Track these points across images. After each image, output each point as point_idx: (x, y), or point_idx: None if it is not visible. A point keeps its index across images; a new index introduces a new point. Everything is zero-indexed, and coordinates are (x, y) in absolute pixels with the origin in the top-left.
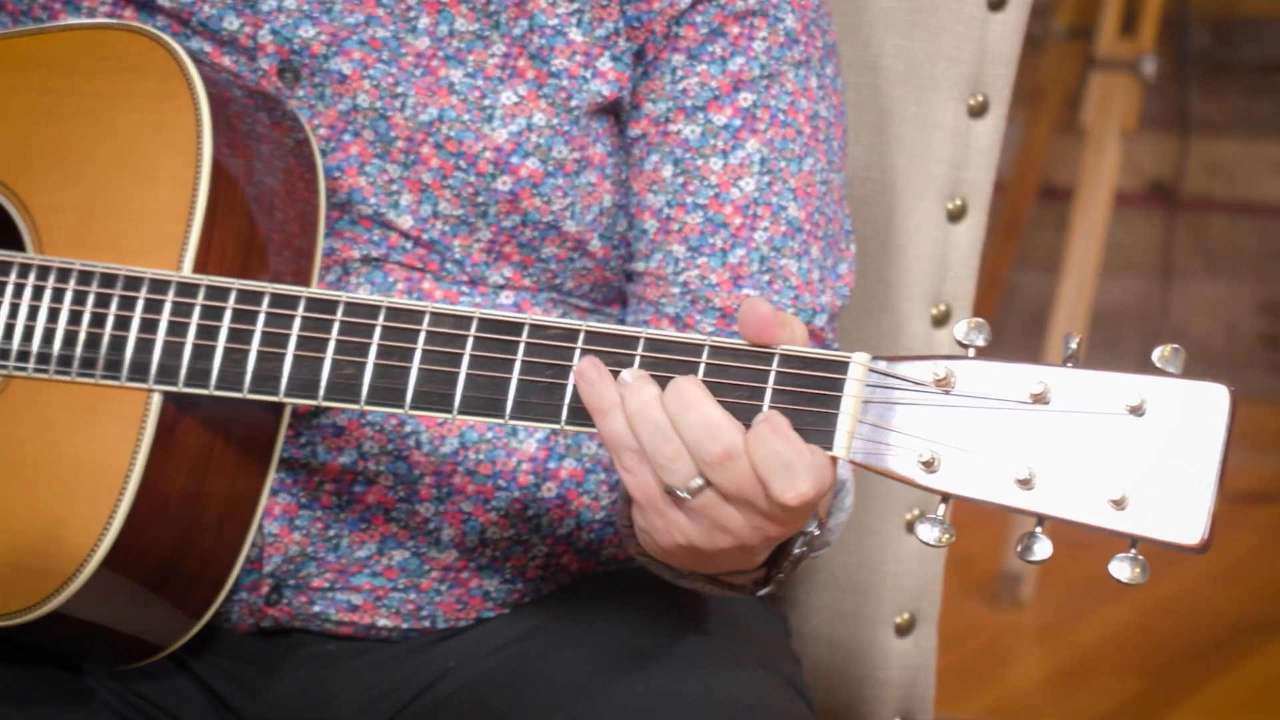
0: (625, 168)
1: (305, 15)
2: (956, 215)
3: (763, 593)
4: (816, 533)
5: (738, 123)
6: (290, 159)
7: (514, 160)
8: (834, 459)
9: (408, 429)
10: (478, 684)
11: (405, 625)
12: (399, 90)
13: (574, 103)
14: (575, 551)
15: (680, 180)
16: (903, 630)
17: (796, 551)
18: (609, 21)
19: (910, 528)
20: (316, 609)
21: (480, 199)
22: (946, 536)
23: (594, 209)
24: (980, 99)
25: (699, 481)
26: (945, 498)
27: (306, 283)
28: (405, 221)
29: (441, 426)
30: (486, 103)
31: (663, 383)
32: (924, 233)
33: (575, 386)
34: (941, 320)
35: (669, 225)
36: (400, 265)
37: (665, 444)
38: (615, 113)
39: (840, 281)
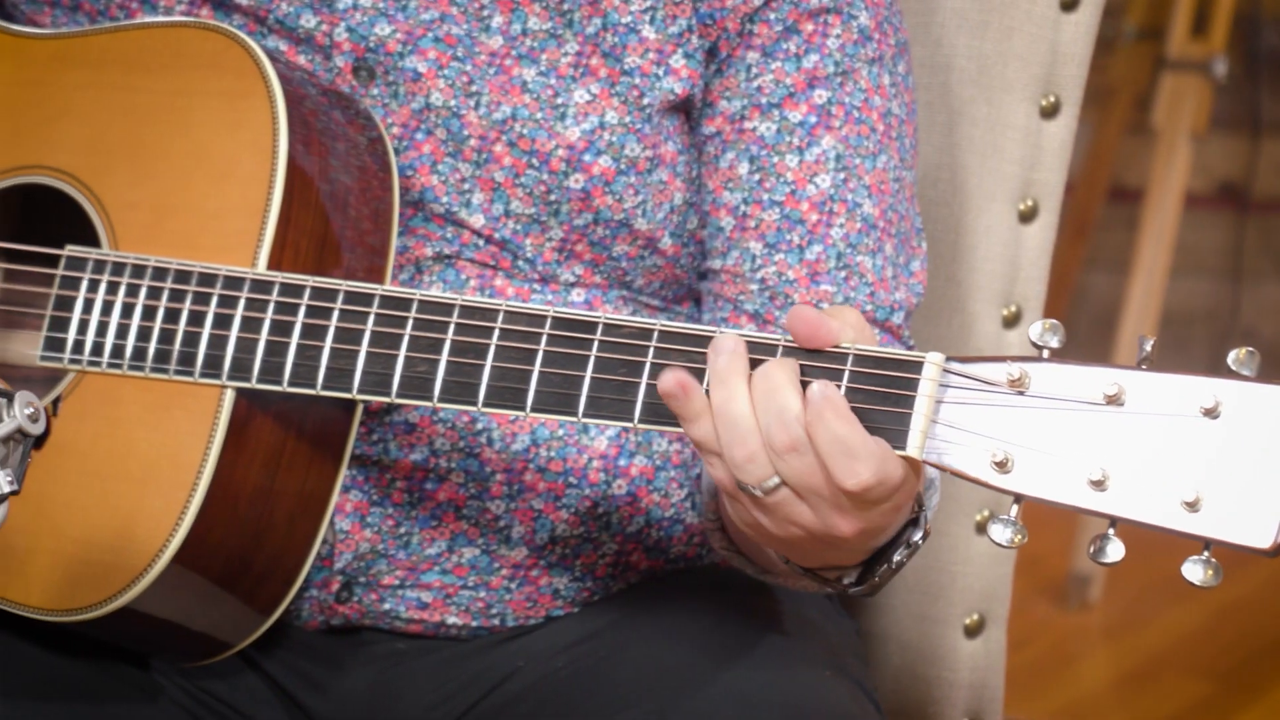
0: (696, 165)
1: (381, 13)
2: (1028, 216)
3: (855, 592)
4: (919, 542)
5: (813, 119)
6: (364, 157)
7: (586, 158)
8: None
9: (479, 426)
10: (546, 683)
11: (475, 623)
12: (473, 89)
13: (646, 100)
14: (645, 549)
15: (756, 177)
16: (972, 631)
17: (897, 558)
18: (682, 19)
19: (980, 529)
20: (386, 606)
21: (552, 197)
22: (1019, 538)
23: (665, 206)
24: (1052, 99)
25: (773, 481)
26: (1018, 498)
27: (380, 280)
28: (477, 220)
29: (513, 424)
30: (559, 101)
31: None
32: (995, 233)
33: (662, 399)
34: (1012, 321)
35: (745, 222)
36: (472, 263)
37: (740, 446)
38: (686, 110)
39: (914, 279)
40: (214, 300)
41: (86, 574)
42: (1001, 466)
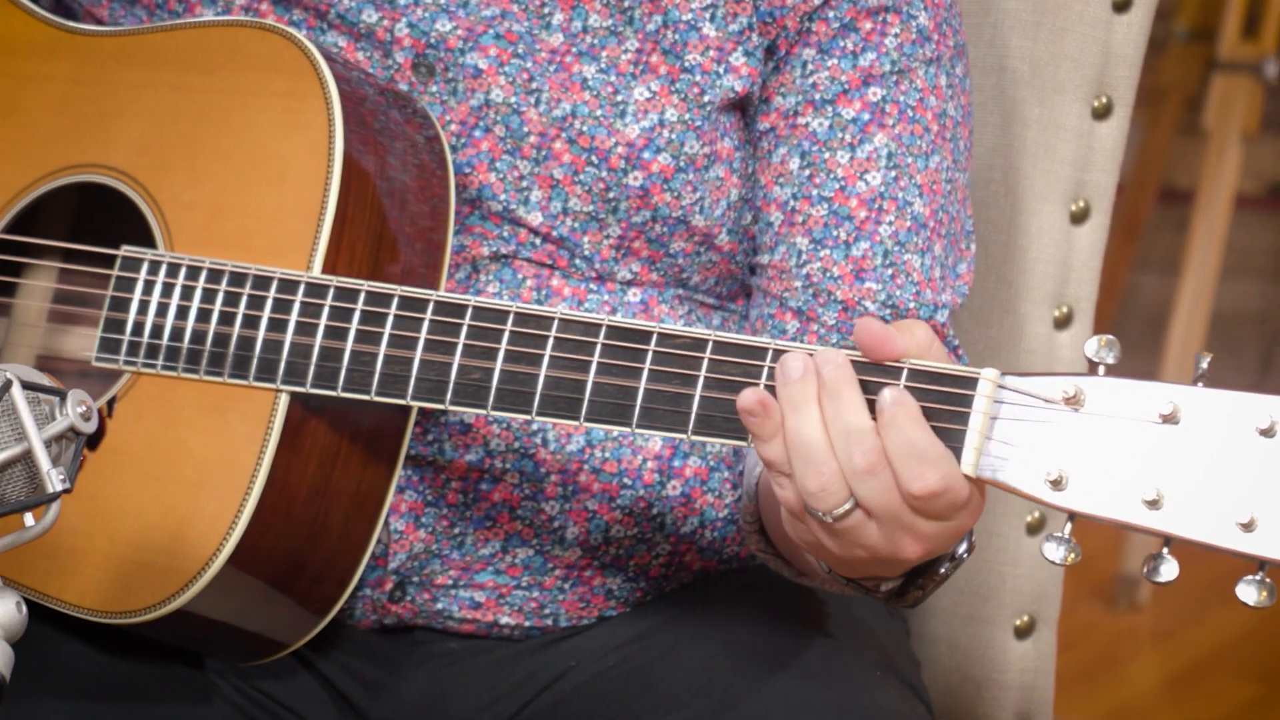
0: (752, 162)
1: (442, 9)
2: (1079, 217)
3: (895, 603)
4: (965, 556)
5: (866, 117)
6: (422, 156)
7: (645, 156)
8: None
9: (534, 428)
10: (597, 682)
11: (528, 623)
12: (533, 86)
13: (706, 98)
14: (698, 550)
15: (806, 173)
16: (1022, 633)
17: (941, 571)
18: (742, 16)
19: (1031, 531)
20: (439, 606)
21: (611, 195)
22: (1072, 556)
23: (722, 203)
24: (1104, 100)
25: (845, 507)
26: (1072, 516)
27: (436, 280)
28: (535, 218)
29: (568, 426)
30: (619, 98)
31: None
32: (1047, 234)
33: (714, 394)
34: (1063, 323)
35: (793, 218)
36: (529, 262)
37: (814, 475)
38: (743, 107)
39: (960, 280)
40: (269, 303)
41: (141, 576)
42: (1056, 484)
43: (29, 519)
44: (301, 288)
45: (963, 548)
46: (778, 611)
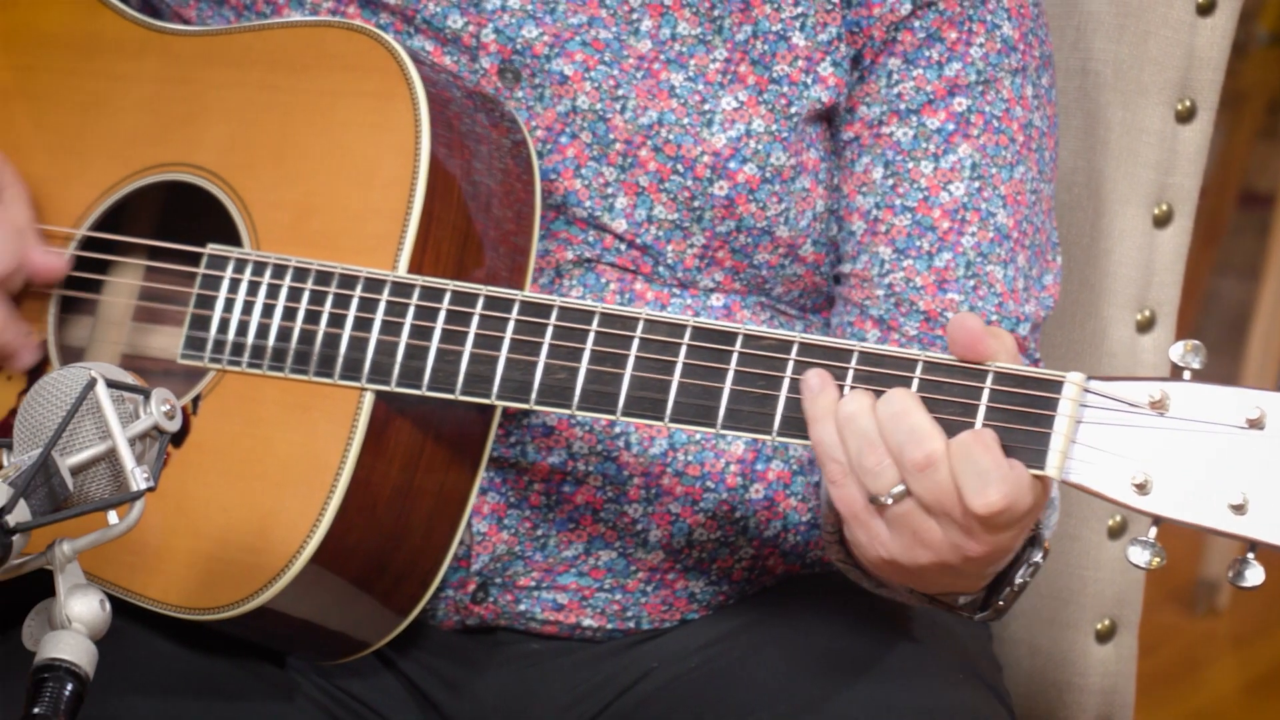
0: (837, 173)
1: (529, 15)
2: (1162, 221)
3: (980, 617)
4: (1041, 562)
5: (950, 127)
6: (508, 160)
7: (732, 165)
8: (1047, 479)
9: (617, 430)
10: (679, 683)
11: (610, 625)
12: (620, 93)
13: (794, 109)
14: (781, 553)
15: (890, 182)
16: (1103, 637)
17: (1019, 580)
18: (832, 26)
19: (1113, 534)
20: (522, 608)
21: (696, 203)
22: (1157, 560)
23: (807, 214)
24: (1187, 104)
25: (900, 488)
26: (1156, 520)
27: (520, 283)
28: (620, 225)
29: (651, 428)
30: (706, 107)
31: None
32: (1129, 238)
33: (799, 395)
34: (1146, 326)
35: (876, 227)
36: (613, 267)
37: (870, 452)
38: (829, 119)
39: (1045, 292)
40: (354, 302)
41: (224, 573)
42: (1141, 488)
43: (113, 517)
44: (388, 287)
45: (1039, 554)
46: (860, 614)
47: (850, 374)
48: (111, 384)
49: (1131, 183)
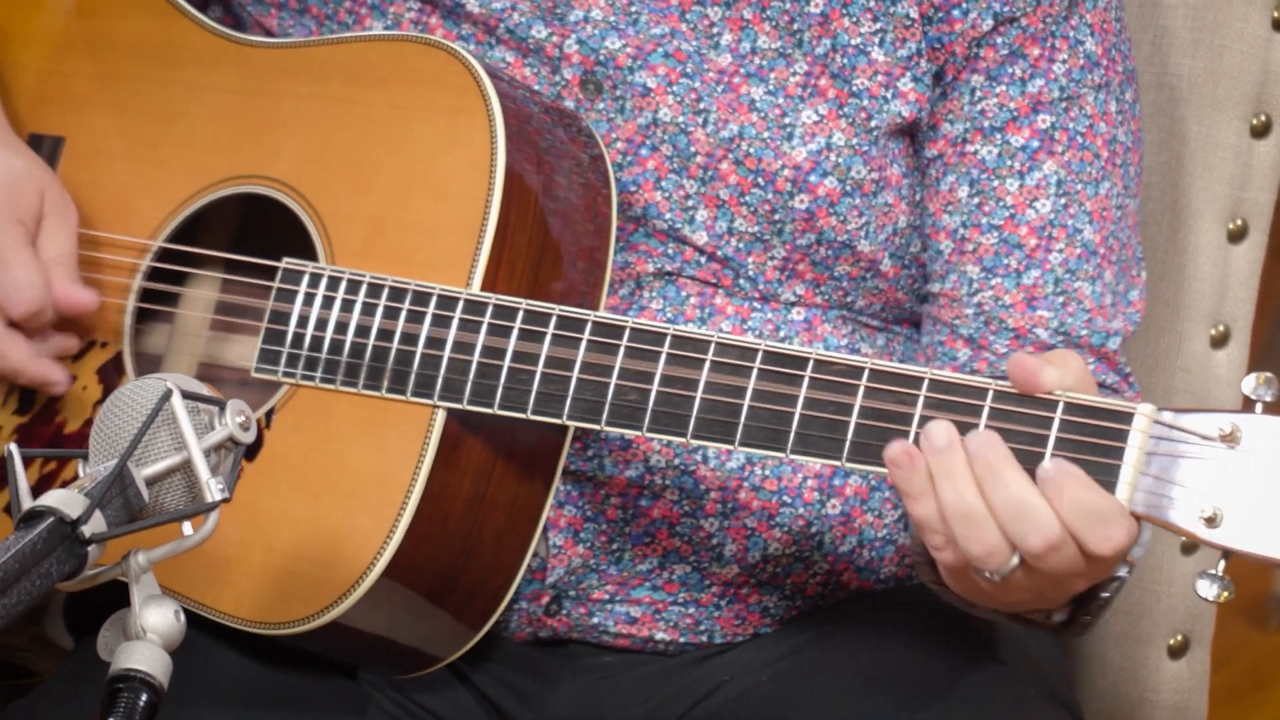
0: (920, 189)
1: (612, 27)
2: (1237, 235)
3: (1064, 634)
4: (1127, 577)
5: (1035, 144)
6: (587, 174)
7: (812, 179)
8: None
9: (694, 443)
10: (750, 696)
11: (682, 639)
12: (701, 106)
13: (874, 123)
14: (856, 569)
15: (976, 201)
16: (1176, 652)
17: (1104, 595)
18: (912, 42)
19: (1186, 550)
20: (595, 621)
21: (776, 216)
22: (1225, 594)
23: (888, 229)
24: (1263, 119)
25: (1014, 564)
26: (1226, 554)
27: (598, 296)
28: (700, 237)
29: None
30: (787, 120)
31: (962, 429)
32: (1204, 253)
33: (868, 422)
34: (1220, 341)
35: (964, 246)
36: (694, 280)
37: (978, 542)
38: (911, 134)
39: (1131, 308)
40: (427, 319)
41: (297, 587)
42: (1210, 521)
43: (187, 528)
44: (460, 304)
45: (1124, 570)
46: (933, 630)
47: (920, 401)
48: (187, 395)
49: (1207, 197)
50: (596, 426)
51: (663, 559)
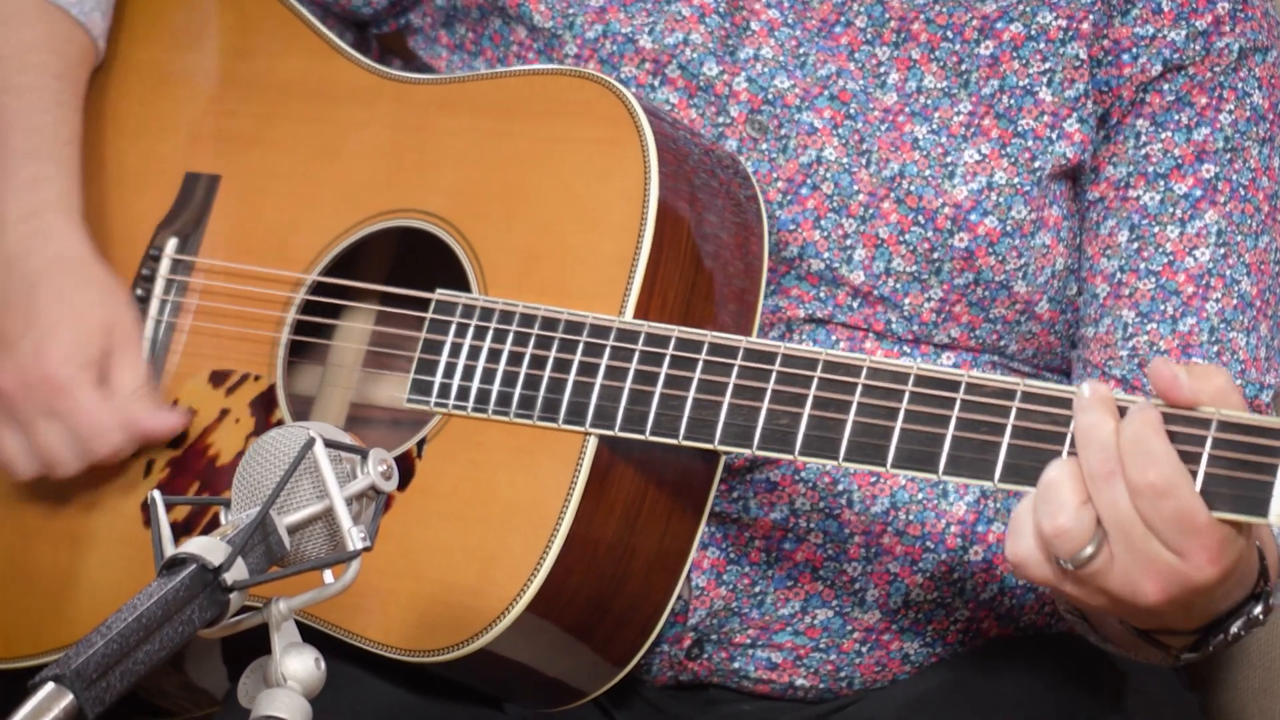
0: (1078, 233)
1: (780, 66)
2: None
3: (1186, 658)
4: (1261, 617)
5: (1198, 193)
6: (744, 214)
7: (972, 218)
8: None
9: (840, 488)
10: None
11: (822, 685)
12: (864, 146)
13: (1037, 164)
14: (996, 616)
15: (1135, 246)
16: None
17: (1234, 630)
18: (1080, 83)
19: None
20: (736, 665)
21: (935, 255)
22: None
23: (1046, 271)
24: None
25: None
26: None
27: (748, 335)
28: (857, 276)
29: (874, 486)
30: (949, 159)
31: None
32: None
33: (1021, 442)
34: None
35: (1120, 290)
36: (844, 326)
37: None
38: (1074, 177)
39: None
40: (580, 348)
41: (444, 616)
42: None
43: (328, 576)
44: (613, 333)
45: (1259, 608)
46: (1069, 681)
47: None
48: (329, 444)
49: None
50: (748, 451)
51: (805, 603)
